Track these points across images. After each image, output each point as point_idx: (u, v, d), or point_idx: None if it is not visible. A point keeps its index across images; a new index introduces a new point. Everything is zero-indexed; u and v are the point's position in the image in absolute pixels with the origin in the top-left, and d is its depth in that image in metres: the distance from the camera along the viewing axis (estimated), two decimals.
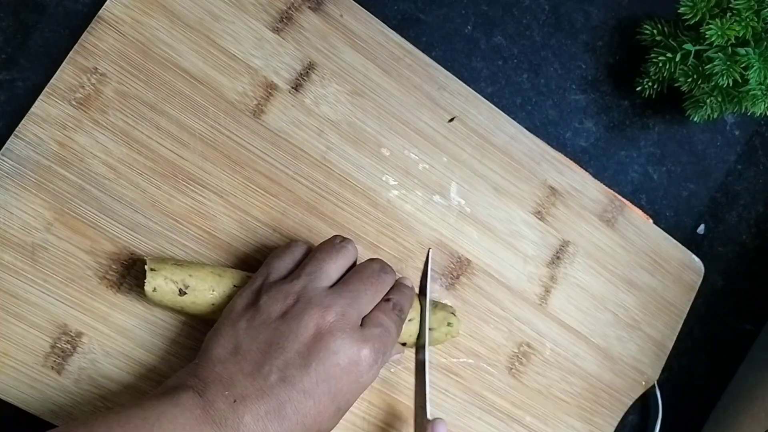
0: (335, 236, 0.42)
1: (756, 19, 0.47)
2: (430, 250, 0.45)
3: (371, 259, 0.42)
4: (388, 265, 0.42)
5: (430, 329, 0.45)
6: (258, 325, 0.37)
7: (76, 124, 0.41)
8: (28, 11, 0.43)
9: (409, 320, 0.44)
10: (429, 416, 0.43)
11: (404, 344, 0.45)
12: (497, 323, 0.49)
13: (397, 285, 0.42)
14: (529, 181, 0.51)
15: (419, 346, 0.45)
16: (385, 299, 0.41)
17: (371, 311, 0.39)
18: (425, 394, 0.44)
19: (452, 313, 0.45)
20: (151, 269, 0.39)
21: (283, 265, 0.40)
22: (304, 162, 0.46)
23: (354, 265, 0.42)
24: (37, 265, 0.40)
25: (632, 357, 0.52)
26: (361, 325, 0.38)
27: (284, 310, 0.37)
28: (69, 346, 0.40)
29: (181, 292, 0.39)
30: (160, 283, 0.39)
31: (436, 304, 0.46)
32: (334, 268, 0.40)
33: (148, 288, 0.39)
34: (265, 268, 0.40)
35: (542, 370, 0.50)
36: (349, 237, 0.42)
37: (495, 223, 0.49)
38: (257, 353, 0.36)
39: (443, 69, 0.49)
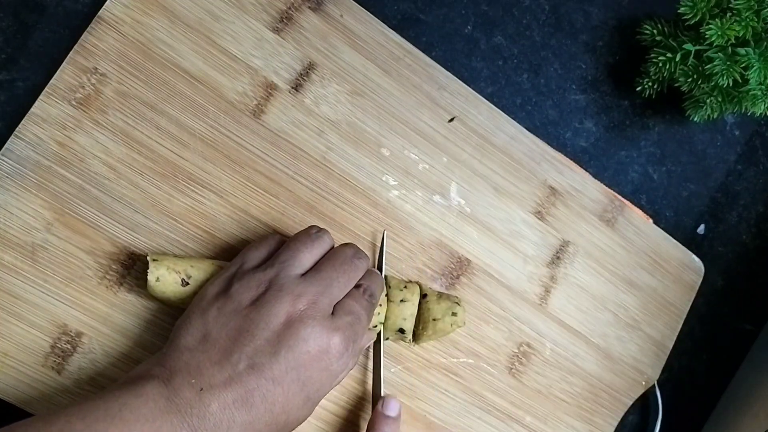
0: (311, 226, 0.41)
1: (756, 19, 0.47)
2: (385, 232, 0.44)
3: (345, 245, 0.41)
4: (362, 251, 0.41)
5: (434, 320, 0.44)
6: (228, 313, 0.36)
7: (76, 124, 0.41)
8: (28, 11, 0.43)
9: (401, 301, 0.44)
10: (382, 393, 0.44)
11: (402, 331, 0.44)
12: (497, 323, 0.49)
13: (369, 270, 0.42)
14: (529, 181, 0.51)
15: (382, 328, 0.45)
16: (356, 285, 0.40)
17: (343, 298, 0.39)
18: (380, 371, 0.44)
19: (456, 303, 0.45)
20: (154, 260, 0.39)
21: (257, 254, 0.40)
22: (304, 162, 0.46)
23: None
24: (37, 265, 0.40)
25: (632, 357, 0.52)
26: (332, 312, 0.38)
27: (255, 297, 0.37)
28: (69, 346, 0.40)
29: (184, 282, 0.39)
30: (163, 273, 0.39)
31: (440, 295, 0.46)
32: (308, 256, 0.39)
33: (151, 277, 0.39)
34: (240, 257, 0.40)
35: (542, 370, 0.50)
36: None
37: (495, 223, 0.49)
38: (226, 341, 0.35)
39: (443, 69, 0.49)
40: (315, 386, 0.37)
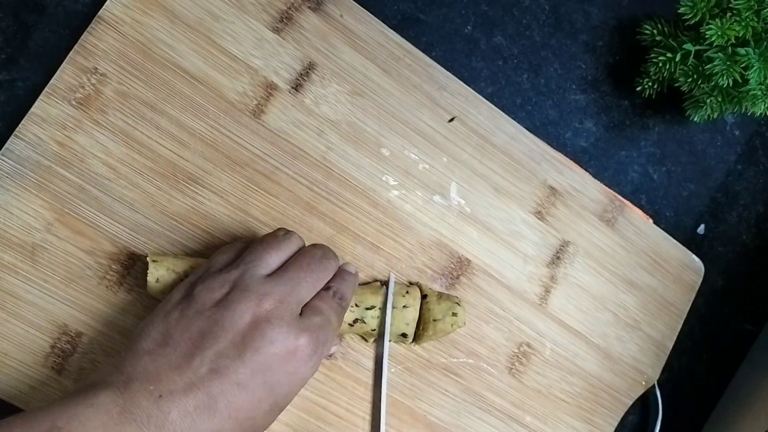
0: (279, 229, 0.40)
1: (756, 19, 0.47)
2: (392, 275, 0.44)
3: (313, 245, 0.40)
4: (331, 251, 0.40)
5: (434, 320, 0.44)
6: (191, 315, 0.34)
7: (76, 124, 0.41)
8: (28, 11, 0.43)
9: (404, 307, 0.44)
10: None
11: (405, 335, 0.44)
12: (497, 323, 0.49)
13: (339, 272, 0.40)
14: (529, 181, 0.51)
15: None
16: (326, 287, 0.39)
17: (311, 300, 0.37)
18: (381, 408, 0.43)
19: (457, 303, 0.45)
20: (153, 261, 0.39)
21: (223, 258, 0.38)
22: (304, 162, 0.46)
23: None
24: (37, 265, 0.40)
25: (632, 357, 0.52)
26: (300, 314, 0.36)
27: (219, 298, 0.35)
28: (69, 346, 0.40)
29: None
30: (162, 273, 0.39)
31: (440, 295, 0.46)
32: (275, 257, 0.38)
33: (151, 279, 0.38)
34: (207, 262, 0.38)
35: (542, 370, 0.50)
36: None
37: (495, 223, 0.49)
38: (188, 344, 0.33)
39: (443, 69, 0.49)
40: (283, 391, 0.35)
